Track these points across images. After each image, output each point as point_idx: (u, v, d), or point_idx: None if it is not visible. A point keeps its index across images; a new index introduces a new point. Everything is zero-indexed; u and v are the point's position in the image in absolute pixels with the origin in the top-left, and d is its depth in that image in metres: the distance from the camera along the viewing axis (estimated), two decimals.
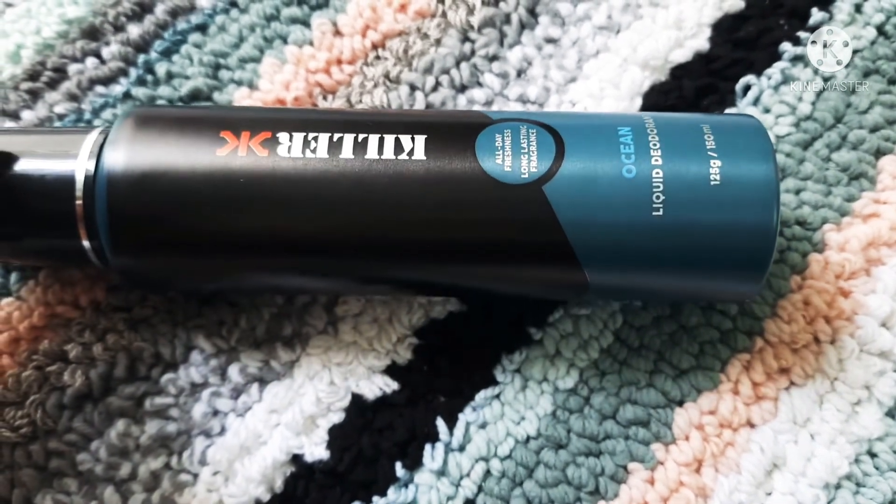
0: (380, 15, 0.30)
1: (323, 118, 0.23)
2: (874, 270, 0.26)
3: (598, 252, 0.22)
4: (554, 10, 0.30)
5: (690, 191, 0.21)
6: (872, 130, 0.27)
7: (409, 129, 0.23)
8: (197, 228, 0.22)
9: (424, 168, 0.22)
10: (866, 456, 0.25)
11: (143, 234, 0.22)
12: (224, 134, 0.22)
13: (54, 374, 0.25)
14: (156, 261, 0.23)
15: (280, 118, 0.23)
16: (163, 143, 0.22)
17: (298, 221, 0.22)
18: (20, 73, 0.29)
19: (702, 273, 0.23)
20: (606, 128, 0.23)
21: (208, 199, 0.22)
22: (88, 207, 0.22)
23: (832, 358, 0.25)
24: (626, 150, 0.22)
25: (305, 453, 0.25)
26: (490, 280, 0.24)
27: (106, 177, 0.22)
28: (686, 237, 0.22)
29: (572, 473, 0.25)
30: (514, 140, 0.22)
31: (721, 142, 0.22)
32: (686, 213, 0.21)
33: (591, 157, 0.22)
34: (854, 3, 0.29)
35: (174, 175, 0.22)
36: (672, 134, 0.22)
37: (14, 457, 0.25)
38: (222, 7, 0.30)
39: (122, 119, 0.23)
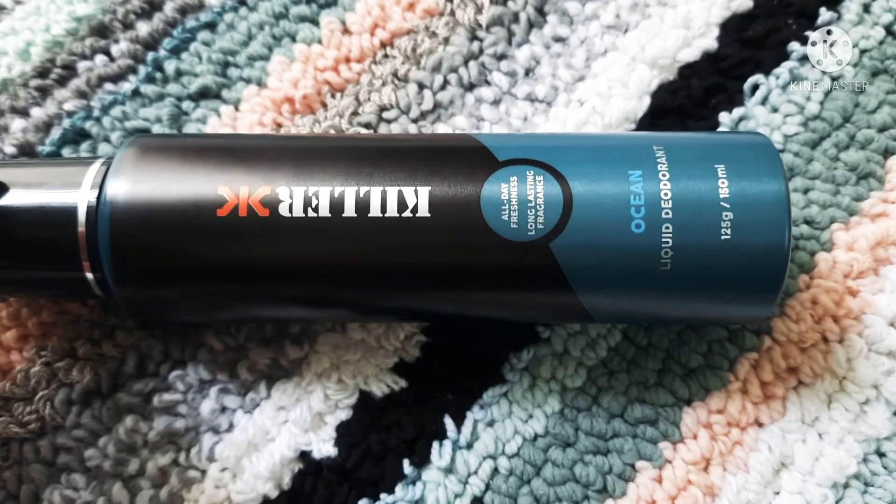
0: (388, 13, 0.30)
1: (324, 167, 0.22)
2: (882, 270, 0.26)
3: (604, 303, 0.23)
4: (562, 8, 0.30)
5: (700, 246, 0.21)
6: (881, 130, 0.27)
7: (411, 178, 0.22)
8: (200, 261, 0.22)
9: (429, 227, 0.21)
10: (874, 455, 0.25)
11: (145, 264, 0.22)
12: (222, 191, 0.21)
13: (63, 371, 0.25)
14: (159, 292, 0.23)
15: (279, 167, 0.22)
16: (164, 183, 0.22)
17: (301, 279, 0.22)
18: (30, 70, 0.29)
19: (709, 314, 0.24)
20: (616, 172, 0.21)
21: (210, 251, 0.22)
22: (91, 238, 0.22)
23: (840, 357, 0.25)
24: (636, 201, 0.21)
25: (313, 450, 0.25)
26: (495, 318, 0.24)
27: (109, 208, 0.22)
28: (694, 287, 0.22)
29: (580, 472, 0.25)
30: (521, 190, 0.21)
31: (735, 189, 0.21)
32: (694, 267, 0.21)
33: (599, 211, 0.21)
34: (862, 3, 0.29)
35: (176, 221, 0.22)
36: (685, 178, 0.21)
37: (22, 452, 0.25)
38: (231, 5, 0.30)
39: (123, 150, 0.23)
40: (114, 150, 0.28)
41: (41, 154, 0.28)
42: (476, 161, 0.22)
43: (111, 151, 0.28)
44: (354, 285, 0.22)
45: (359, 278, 0.22)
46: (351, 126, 0.28)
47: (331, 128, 0.28)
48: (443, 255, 0.22)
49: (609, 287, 0.22)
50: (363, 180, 0.22)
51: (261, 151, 0.23)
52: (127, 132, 0.28)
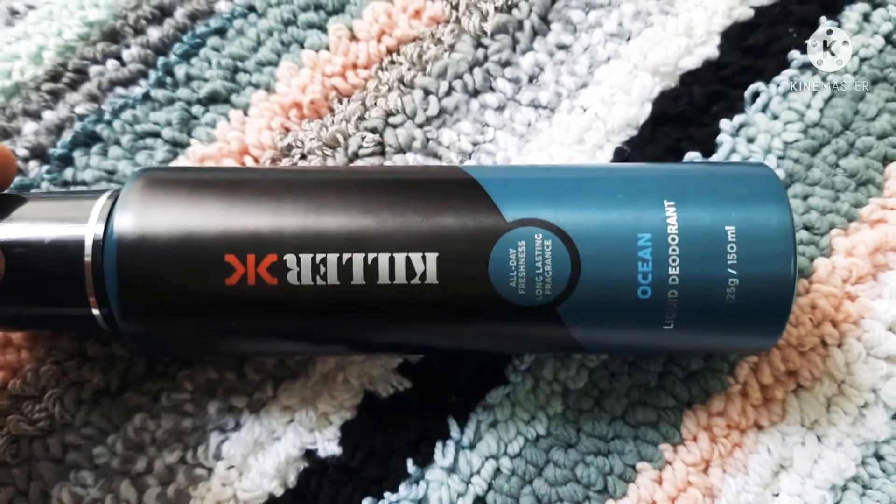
0: (395, 20, 0.30)
1: (330, 230, 0.22)
2: (881, 275, 0.27)
3: (608, 351, 0.25)
4: (566, 17, 0.30)
5: (704, 310, 0.22)
6: (880, 137, 0.28)
7: (419, 243, 0.21)
8: (208, 306, 0.22)
9: (437, 293, 0.21)
10: (873, 458, 0.25)
11: (153, 301, 0.22)
12: (229, 259, 0.21)
13: (72, 370, 0.26)
14: (165, 327, 0.22)
15: (284, 229, 0.22)
16: (172, 222, 0.22)
17: (309, 336, 0.23)
18: (42, 73, 0.30)
19: (713, 352, 0.26)
20: (625, 235, 0.21)
21: (218, 315, 0.22)
22: (97, 273, 0.22)
23: (839, 361, 0.26)
24: (643, 267, 0.21)
25: (319, 449, 0.25)
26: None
27: (116, 242, 0.21)
28: (696, 342, 0.23)
29: (581, 472, 0.25)
30: (529, 256, 0.21)
31: (743, 252, 0.21)
32: (698, 327, 0.22)
33: (606, 277, 0.21)
34: (862, 13, 0.29)
35: (184, 266, 0.22)
36: (694, 241, 0.21)
37: (32, 449, 0.25)
38: (241, 11, 0.31)
39: (130, 184, 0.23)
40: (123, 160, 0.29)
41: (53, 157, 0.28)
42: (484, 219, 0.22)
43: (120, 155, 0.29)
44: (361, 343, 0.24)
45: (366, 337, 0.23)
46: (357, 131, 0.29)
47: (338, 132, 0.28)
48: (451, 319, 0.22)
49: (613, 342, 0.23)
50: (369, 245, 0.21)
51: (264, 197, 0.22)
52: (137, 136, 0.29)
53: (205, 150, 0.29)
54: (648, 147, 0.28)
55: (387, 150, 0.29)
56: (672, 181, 0.23)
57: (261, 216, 0.22)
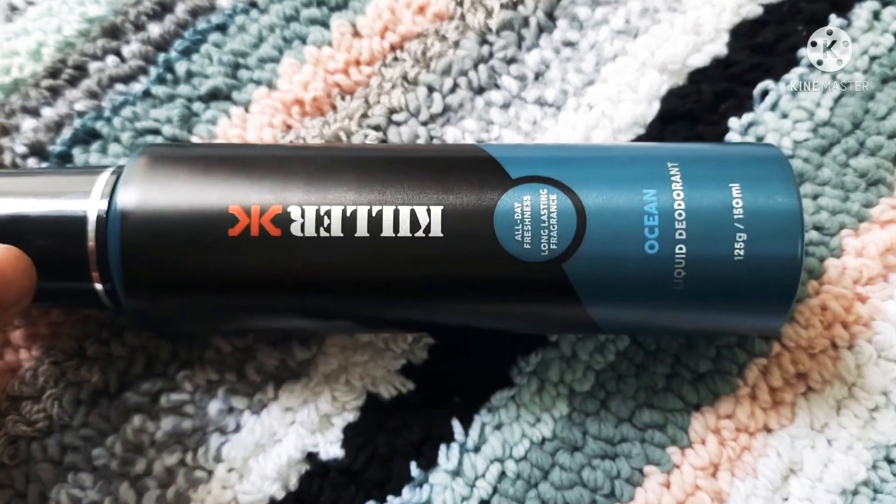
0: (398, 17, 0.30)
1: (335, 183, 0.22)
2: (892, 276, 0.26)
3: (615, 318, 0.23)
4: (572, 13, 0.30)
5: (713, 268, 0.21)
6: (890, 136, 0.27)
7: (424, 196, 0.21)
8: (211, 275, 0.22)
9: (441, 247, 0.21)
10: (884, 462, 0.25)
11: (156, 275, 0.22)
12: (233, 210, 0.21)
13: (71, 370, 0.25)
14: (169, 303, 0.22)
15: (289, 183, 0.22)
16: (175, 194, 0.22)
17: (312, 295, 0.22)
18: (41, 70, 0.29)
19: (720, 327, 0.24)
20: (630, 190, 0.21)
21: (221, 268, 0.22)
22: (101, 249, 0.22)
23: (850, 363, 0.25)
24: (649, 221, 0.21)
25: (320, 451, 0.25)
26: (503, 330, 0.25)
27: (119, 219, 0.21)
28: (705, 305, 0.22)
29: (588, 476, 0.25)
30: (534, 210, 0.21)
31: (749, 208, 0.21)
32: (707, 287, 0.21)
33: (613, 232, 0.21)
34: (872, 10, 0.29)
35: (187, 235, 0.21)
36: (699, 197, 0.21)
37: (30, 451, 0.25)
38: (242, 7, 0.30)
39: (133, 160, 0.23)
40: (123, 157, 0.28)
41: (52, 154, 0.28)
42: (488, 177, 0.22)
43: (120, 152, 0.28)
44: (366, 301, 0.23)
45: (371, 295, 0.22)
46: (360, 128, 0.28)
47: (340, 130, 0.28)
48: (455, 274, 0.22)
49: (621, 304, 0.22)
50: (375, 198, 0.21)
51: (270, 164, 0.23)
52: (137, 132, 0.28)
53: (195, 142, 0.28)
54: None
55: None
56: (676, 150, 0.23)
57: (266, 175, 0.22)
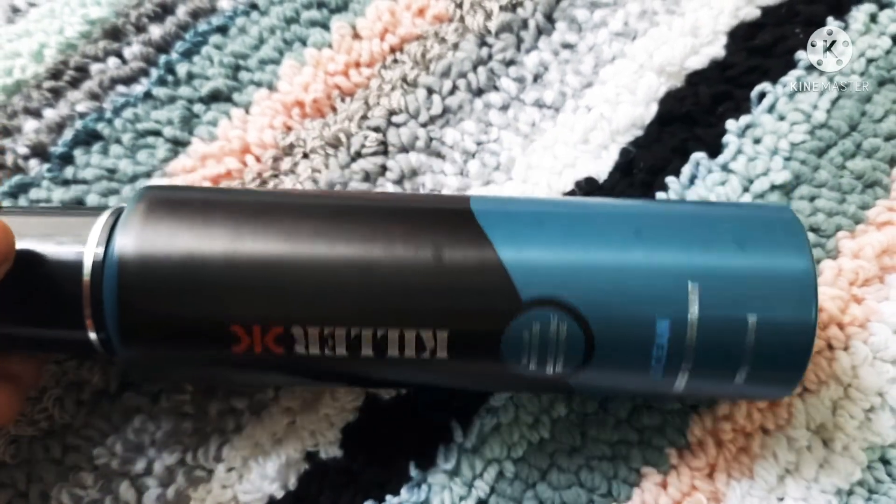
0: (398, 19, 0.30)
1: (338, 303, 0.21)
2: (888, 278, 0.26)
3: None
4: (571, 16, 0.30)
5: (713, 387, 0.22)
6: (887, 139, 0.28)
7: (430, 320, 0.20)
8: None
9: (447, 368, 0.21)
10: (879, 463, 0.25)
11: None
12: (235, 329, 0.20)
13: (72, 370, 0.26)
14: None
15: (291, 297, 0.21)
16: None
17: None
18: (43, 71, 0.29)
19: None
20: (643, 319, 0.20)
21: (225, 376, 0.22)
22: (96, 295, 0.21)
23: (845, 364, 0.25)
24: (658, 352, 0.21)
25: (320, 451, 0.25)
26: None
27: (116, 264, 0.20)
28: (703, 402, 0.25)
29: (585, 476, 0.25)
30: (543, 338, 0.20)
31: (760, 347, 0.20)
32: (705, 396, 0.24)
33: (619, 359, 0.21)
34: (869, 13, 0.29)
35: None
36: (713, 331, 0.20)
37: (31, 450, 0.25)
38: (243, 9, 0.30)
39: (133, 205, 0.21)
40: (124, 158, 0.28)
41: (53, 155, 0.28)
42: (498, 298, 0.20)
43: (121, 153, 0.28)
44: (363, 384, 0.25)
45: (370, 385, 0.25)
46: (360, 130, 0.28)
47: (340, 131, 0.28)
48: (460, 387, 0.24)
49: (613, 394, 0.25)
50: (380, 320, 0.20)
51: (271, 278, 0.21)
52: (138, 134, 0.29)
53: (206, 148, 0.28)
54: (654, 147, 0.28)
55: (389, 149, 0.28)
56: (696, 262, 0.21)
57: (266, 287, 0.21)
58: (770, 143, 0.28)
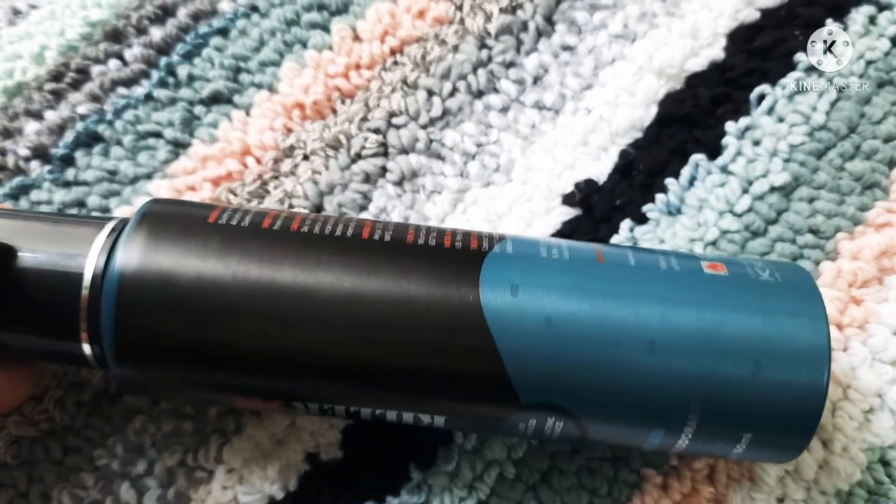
0: (398, 21, 0.30)
1: (336, 386, 0.21)
2: (887, 279, 0.26)
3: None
4: (570, 18, 0.30)
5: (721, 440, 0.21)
6: (886, 141, 0.28)
7: (428, 407, 0.21)
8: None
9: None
10: (879, 464, 0.25)
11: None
12: (236, 401, 0.22)
13: (73, 371, 0.26)
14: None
15: (290, 381, 0.21)
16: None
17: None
18: (44, 73, 0.29)
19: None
20: (639, 430, 0.21)
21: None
22: (93, 308, 0.20)
23: (844, 365, 0.25)
24: (650, 443, 0.21)
25: (320, 453, 0.25)
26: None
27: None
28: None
29: (586, 478, 0.25)
30: (537, 432, 0.21)
31: (754, 449, 0.21)
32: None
33: (612, 448, 0.23)
34: (868, 15, 0.29)
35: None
36: (705, 445, 0.21)
37: (32, 451, 0.25)
38: (243, 11, 0.30)
39: (138, 216, 0.21)
40: (125, 160, 0.28)
41: (55, 157, 0.28)
42: (498, 399, 0.20)
43: (122, 155, 0.28)
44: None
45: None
46: (360, 132, 0.28)
47: (340, 133, 0.28)
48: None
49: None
50: (379, 403, 0.21)
51: (272, 341, 0.20)
52: (139, 135, 0.29)
53: (207, 150, 0.28)
54: (654, 149, 0.28)
55: (390, 151, 0.28)
56: (704, 386, 0.20)
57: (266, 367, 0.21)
58: (769, 144, 0.28)
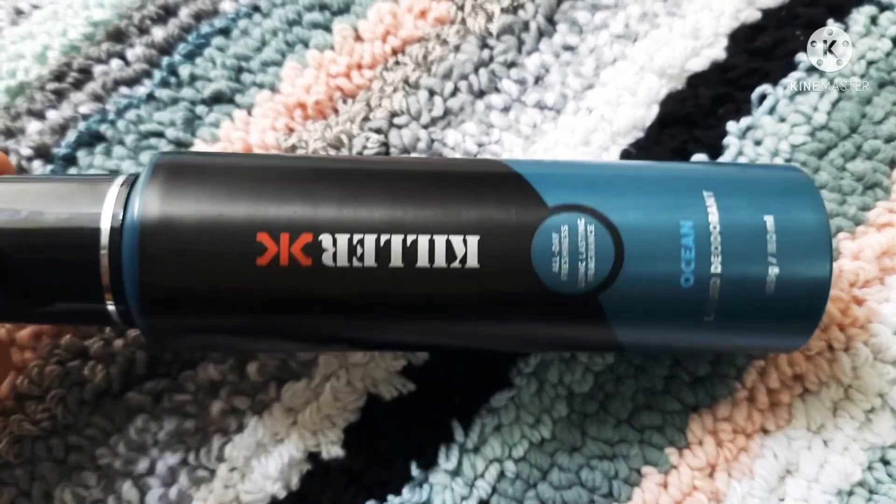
0: (400, 21, 0.30)
1: (367, 209, 0.21)
2: (888, 279, 0.26)
3: (643, 345, 0.23)
4: (572, 18, 0.30)
5: (744, 301, 0.21)
6: (887, 141, 0.28)
7: (459, 225, 0.21)
8: (237, 301, 0.21)
9: (478, 280, 0.21)
10: (879, 463, 0.25)
11: (177, 290, 0.20)
12: (261, 238, 0.20)
13: (75, 370, 0.26)
14: (190, 320, 0.21)
15: (319, 208, 0.21)
16: (198, 210, 0.20)
17: (343, 323, 0.22)
18: (46, 73, 0.30)
19: (744, 351, 0.25)
20: (668, 222, 0.21)
21: (249, 297, 0.21)
22: (115, 263, 0.20)
23: (846, 365, 0.25)
24: (686, 254, 0.21)
25: (322, 452, 0.25)
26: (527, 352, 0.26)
27: (138, 229, 0.20)
28: (733, 335, 0.22)
29: (586, 476, 0.25)
30: (572, 241, 0.21)
31: (782, 244, 0.21)
32: (736, 319, 0.22)
33: (650, 264, 0.21)
34: (870, 15, 0.29)
35: (212, 259, 0.20)
36: (734, 233, 0.21)
37: (34, 450, 0.25)
38: (245, 11, 0.30)
39: (150, 169, 0.21)
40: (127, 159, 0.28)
41: (57, 157, 0.28)
42: (525, 203, 0.21)
43: (124, 154, 0.28)
44: (397, 329, 0.22)
45: (403, 324, 0.22)
46: (362, 131, 0.28)
47: (342, 133, 0.28)
48: (491, 306, 0.21)
49: (651, 332, 0.22)
50: (409, 227, 0.21)
51: (298, 182, 0.21)
52: (141, 135, 0.29)
53: (209, 149, 0.29)
54: (655, 149, 0.28)
55: (391, 150, 0.28)
56: (709, 175, 0.23)
57: (294, 196, 0.21)
58: (770, 144, 0.28)
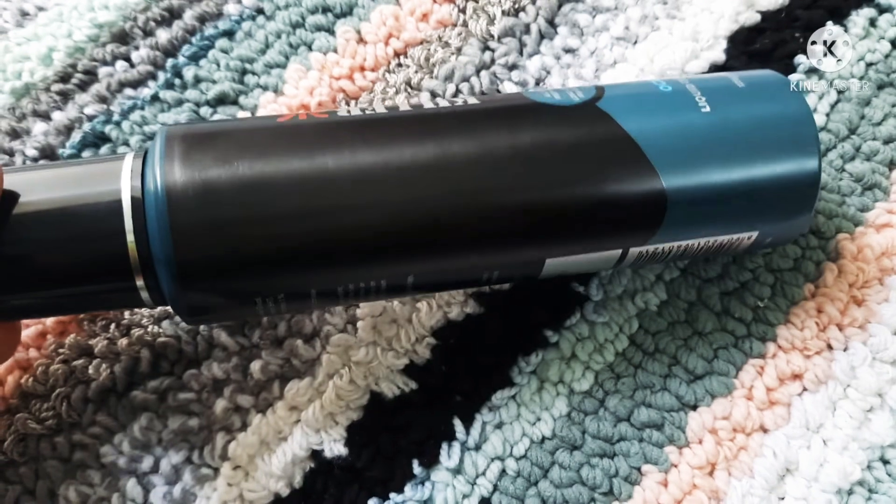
0: (402, 24, 0.30)
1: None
2: (887, 279, 0.27)
3: (666, 153, 0.22)
4: (573, 20, 0.30)
5: (723, 92, 0.23)
6: (886, 142, 0.28)
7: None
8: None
9: (480, 107, 0.23)
10: (878, 462, 0.25)
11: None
12: (280, 118, 0.22)
13: (80, 368, 0.26)
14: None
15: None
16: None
17: (373, 191, 0.21)
18: (51, 75, 0.30)
19: (758, 165, 0.23)
20: (647, 85, 0.24)
21: (282, 182, 0.20)
22: (141, 240, 0.20)
23: (845, 365, 0.26)
24: (664, 87, 0.24)
25: (325, 450, 0.25)
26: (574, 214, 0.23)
27: (165, 198, 0.19)
28: (737, 126, 0.23)
29: (587, 474, 0.25)
30: (560, 89, 0.24)
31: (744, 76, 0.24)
32: (730, 106, 0.23)
33: (629, 87, 0.24)
34: (869, 17, 0.29)
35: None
36: (709, 87, 0.24)
37: (39, 448, 0.25)
38: (249, 14, 0.31)
39: (162, 139, 0.20)
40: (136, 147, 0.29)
41: (62, 157, 0.29)
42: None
43: None
44: (423, 189, 0.22)
45: (426, 177, 0.22)
46: None
47: None
48: (497, 128, 0.22)
49: (666, 135, 0.22)
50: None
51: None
52: (146, 136, 0.29)
53: None
54: None
55: None
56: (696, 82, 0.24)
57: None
58: None
